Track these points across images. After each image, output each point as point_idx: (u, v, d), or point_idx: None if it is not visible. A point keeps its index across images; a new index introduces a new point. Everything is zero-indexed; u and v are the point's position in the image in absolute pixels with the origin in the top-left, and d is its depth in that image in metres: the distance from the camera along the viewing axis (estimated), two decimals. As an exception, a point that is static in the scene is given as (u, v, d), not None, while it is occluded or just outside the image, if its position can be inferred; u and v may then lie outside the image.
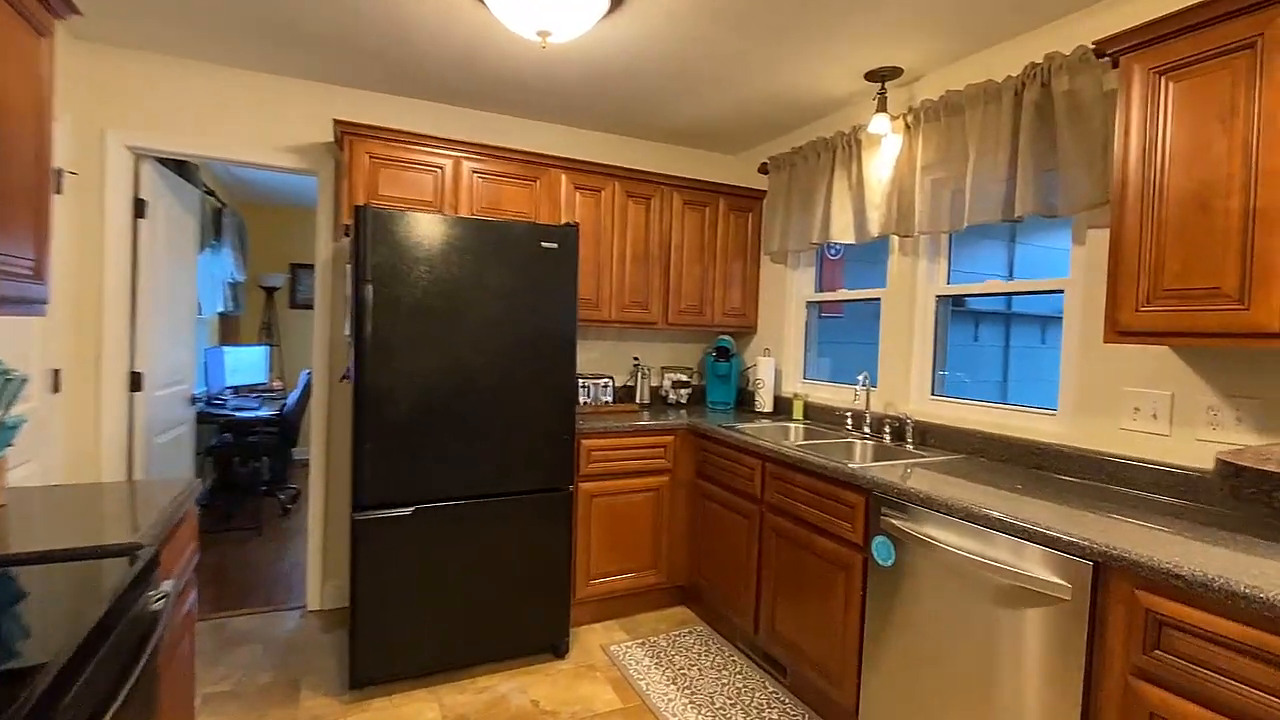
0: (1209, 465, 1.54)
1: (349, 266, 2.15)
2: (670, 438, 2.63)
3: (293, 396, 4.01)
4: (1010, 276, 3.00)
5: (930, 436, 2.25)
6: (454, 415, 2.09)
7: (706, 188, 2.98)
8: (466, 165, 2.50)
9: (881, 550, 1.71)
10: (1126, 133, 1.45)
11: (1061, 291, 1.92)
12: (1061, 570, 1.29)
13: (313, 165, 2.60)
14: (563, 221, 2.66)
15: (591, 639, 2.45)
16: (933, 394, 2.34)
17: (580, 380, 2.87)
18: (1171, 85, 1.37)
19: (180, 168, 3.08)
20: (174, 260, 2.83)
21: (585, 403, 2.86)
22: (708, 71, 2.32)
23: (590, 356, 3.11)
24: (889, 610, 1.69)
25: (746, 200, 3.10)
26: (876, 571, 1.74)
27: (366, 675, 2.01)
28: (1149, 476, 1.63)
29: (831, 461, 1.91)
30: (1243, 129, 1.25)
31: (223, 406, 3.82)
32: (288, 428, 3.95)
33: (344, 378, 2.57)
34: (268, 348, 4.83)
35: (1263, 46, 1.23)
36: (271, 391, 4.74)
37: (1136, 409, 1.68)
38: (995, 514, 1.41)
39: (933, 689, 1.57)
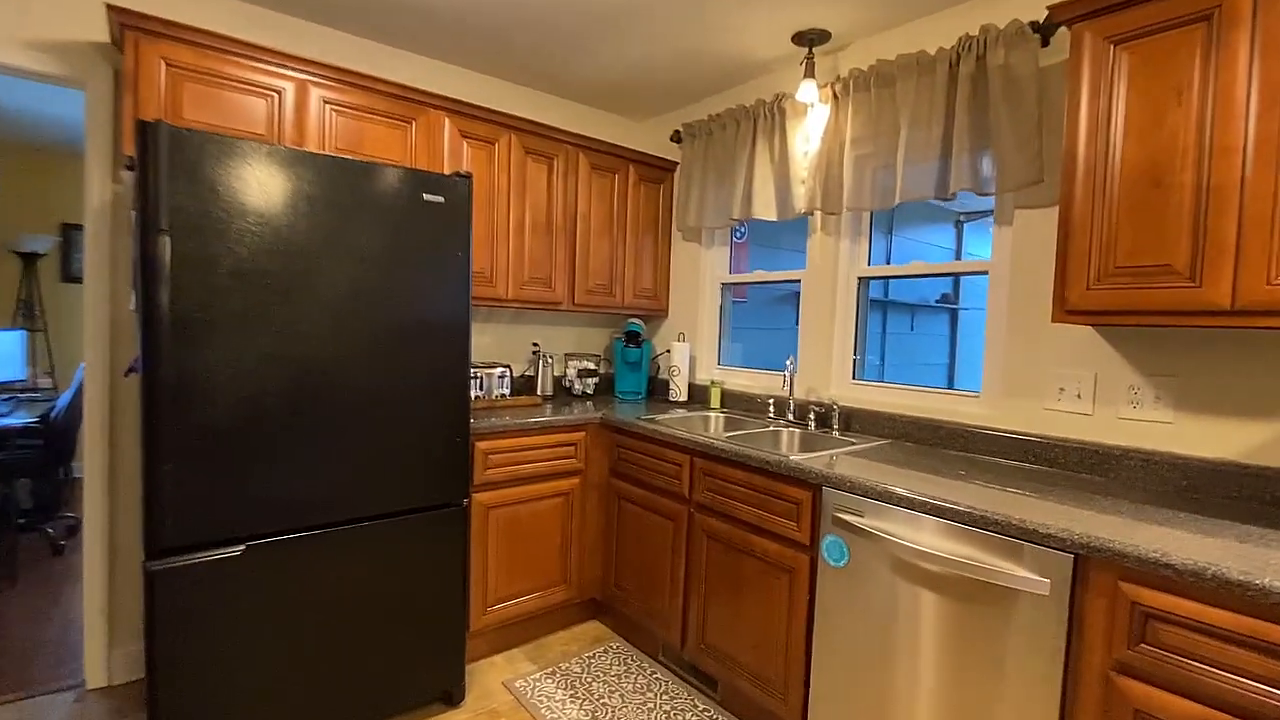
0: (1131, 443, 1.58)
1: (134, 212, 1.52)
2: (580, 434, 2.30)
3: (65, 397, 3.01)
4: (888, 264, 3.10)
5: (854, 422, 2.17)
6: (303, 418, 1.58)
7: (617, 152, 2.66)
8: (316, 93, 1.93)
9: (833, 550, 1.55)
10: (1076, 104, 1.40)
11: (986, 272, 1.91)
12: (1038, 564, 1.20)
13: (76, 72, 1.85)
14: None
15: (492, 676, 2.06)
16: (854, 378, 2.28)
17: (471, 370, 2.42)
18: (1125, 56, 1.33)
19: None
20: None
21: (478, 396, 2.42)
22: (618, 11, 2.00)
23: (482, 341, 2.66)
24: (842, 614, 1.54)
25: (658, 170, 2.83)
26: (827, 573, 1.58)
27: (175, 782, 1.45)
28: (1073, 456, 1.65)
29: (774, 454, 1.73)
30: (1197, 104, 1.23)
31: (-54, 413, 2.75)
32: (58, 439, 2.97)
33: (130, 370, 1.87)
34: (25, 333, 3.64)
35: (1219, 19, 1.20)
36: (34, 391, 3.59)
37: (1061, 389, 1.69)
38: (964, 508, 1.30)
39: (893, 697, 1.44)
